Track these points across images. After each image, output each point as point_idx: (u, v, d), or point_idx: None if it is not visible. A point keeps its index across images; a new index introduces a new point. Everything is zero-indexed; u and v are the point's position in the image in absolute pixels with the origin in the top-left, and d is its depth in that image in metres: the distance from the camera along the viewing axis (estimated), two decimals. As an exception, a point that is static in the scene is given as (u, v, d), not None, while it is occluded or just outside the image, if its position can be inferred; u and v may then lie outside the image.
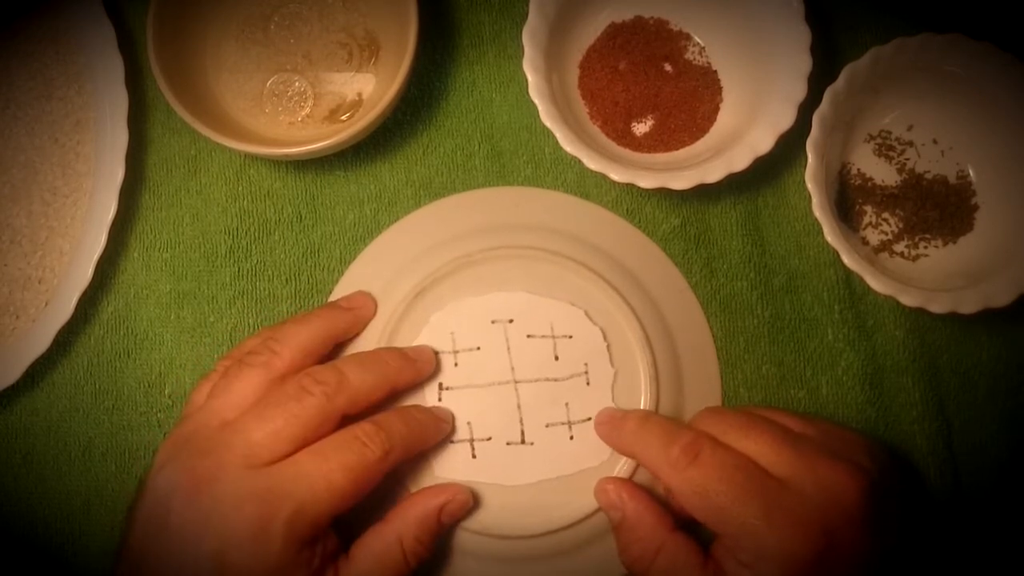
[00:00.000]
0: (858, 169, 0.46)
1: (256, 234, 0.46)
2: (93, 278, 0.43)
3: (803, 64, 0.42)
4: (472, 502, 0.41)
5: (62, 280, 0.43)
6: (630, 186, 0.42)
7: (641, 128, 0.46)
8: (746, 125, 0.43)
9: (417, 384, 0.42)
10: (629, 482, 0.41)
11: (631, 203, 0.46)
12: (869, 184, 0.46)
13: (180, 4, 0.43)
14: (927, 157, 0.46)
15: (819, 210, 0.41)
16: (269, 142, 0.44)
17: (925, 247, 0.45)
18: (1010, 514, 0.44)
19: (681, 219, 0.46)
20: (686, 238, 0.46)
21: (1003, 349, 0.46)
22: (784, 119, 0.42)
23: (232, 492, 0.35)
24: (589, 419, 0.43)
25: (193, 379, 0.45)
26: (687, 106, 0.45)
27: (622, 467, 0.42)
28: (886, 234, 0.45)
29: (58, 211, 0.45)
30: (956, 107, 0.45)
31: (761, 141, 0.42)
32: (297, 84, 0.46)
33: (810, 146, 0.42)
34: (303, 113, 0.46)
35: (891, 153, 0.46)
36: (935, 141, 0.46)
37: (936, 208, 0.45)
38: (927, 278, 0.44)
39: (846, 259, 0.40)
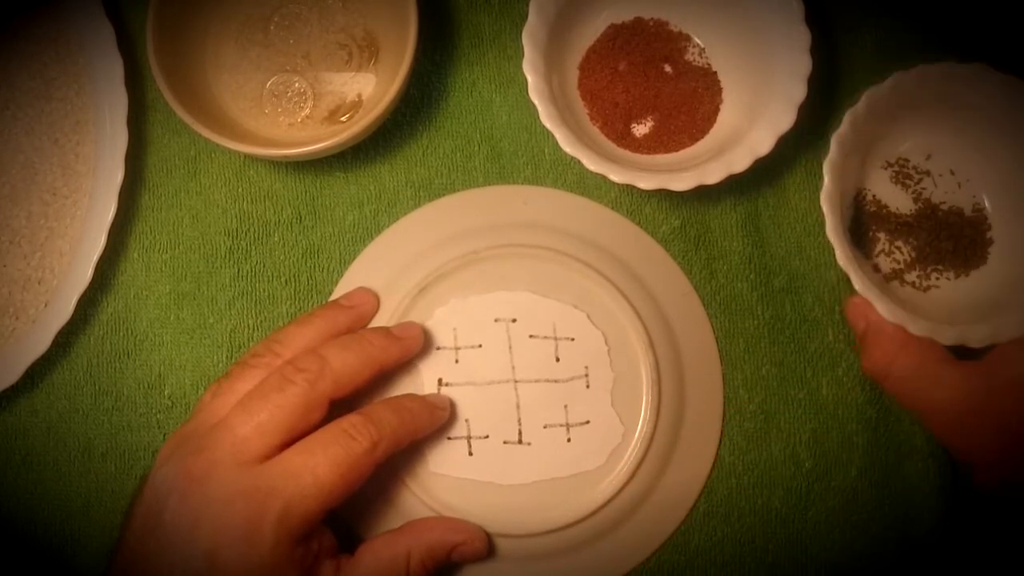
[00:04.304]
0: (874, 195, 0.45)
1: (256, 235, 0.46)
2: (93, 279, 0.43)
3: (803, 65, 0.42)
4: (486, 553, 0.41)
5: (62, 281, 0.43)
6: (630, 187, 0.42)
7: (641, 129, 0.46)
8: (746, 126, 0.43)
9: (406, 361, 0.42)
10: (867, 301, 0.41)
11: (631, 204, 0.46)
12: (884, 211, 0.45)
13: (180, 5, 0.43)
14: (943, 188, 0.45)
15: (832, 233, 0.40)
16: (269, 143, 0.44)
17: (937, 278, 0.44)
18: (1010, 516, 0.44)
19: (681, 220, 0.46)
20: (686, 239, 0.46)
21: (1003, 350, 0.45)
22: (784, 120, 0.42)
23: (222, 491, 0.35)
24: (587, 422, 0.43)
25: (193, 380, 0.45)
26: (687, 107, 0.45)
27: (620, 471, 0.42)
28: (898, 262, 0.45)
29: (57, 212, 0.45)
30: (976, 138, 0.44)
31: (761, 142, 0.42)
32: (297, 85, 0.46)
33: (827, 168, 0.41)
34: (303, 114, 0.46)
35: (908, 181, 0.45)
36: (952, 172, 0.45)
37: (950, 239, 0.44)
38: (937, 309, 0.43)
39: (857, 284, 0.40)
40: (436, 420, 0.41)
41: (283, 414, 0.37)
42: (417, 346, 0.42)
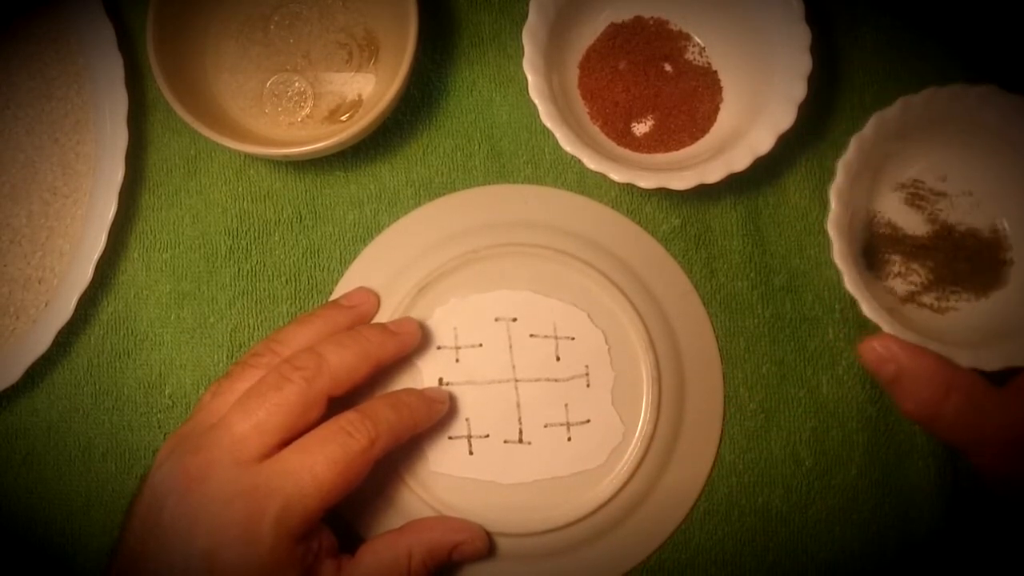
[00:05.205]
0: (888, 218, 0.44)
1: (256, 234, 0.46)
2: (93, 278, 0.43)
3: (803, 64, 0.42)
4: (487, 552, 0.41)
5: (62, 280, 0.43)
6: (630, 186, 0.42)
7: (641, 128, 0.46)
8: (746, 125, 0.43)
9: (404, 356, 0.42)
10: (895, 336, 0.39)
11: (631, 203, 0.46)
12: (898, 233, 0.44)
13: (180, 4, 0.43)
14: (960, 208, 0.44)
15: (839, 257, 0.40)
16: (269, 142, 0.44)
17: (955, 300, 0.44)
18: (1010, 515, 0.44)
19: (681, 219, 0.46)
20: (686, 238, 0.46)
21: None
22: (784, 119, 0.42)
23: (221, 490, 0.35)
24: (588, 421, 0.43)
25: (193, 379, 0.45)
26: (687, 106, 0.45)
27: (620, 470, 0.42)
28: (914, 284, 0.44)
29: (58, 211, 0.45)
30: (991, 159, 0.43)
31: (761, 141, 0.42)
32: (297, 84, 0.46)
33: (834, 193, 0.40)
34: (303, 113, 0.46)
35: (922, 203, 0.45)
36: (969, 193, 0.44)
37: (967, 261, 0.44)
38: (955, 332, 0.42)
39: (864, 308, 0.39)
40: (435, 414, 0.41)
41: (281, 413, 0.36)
42: (414, 341, 0.42)
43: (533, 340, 0.43)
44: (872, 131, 0.41)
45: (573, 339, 0.43)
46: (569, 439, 0.43)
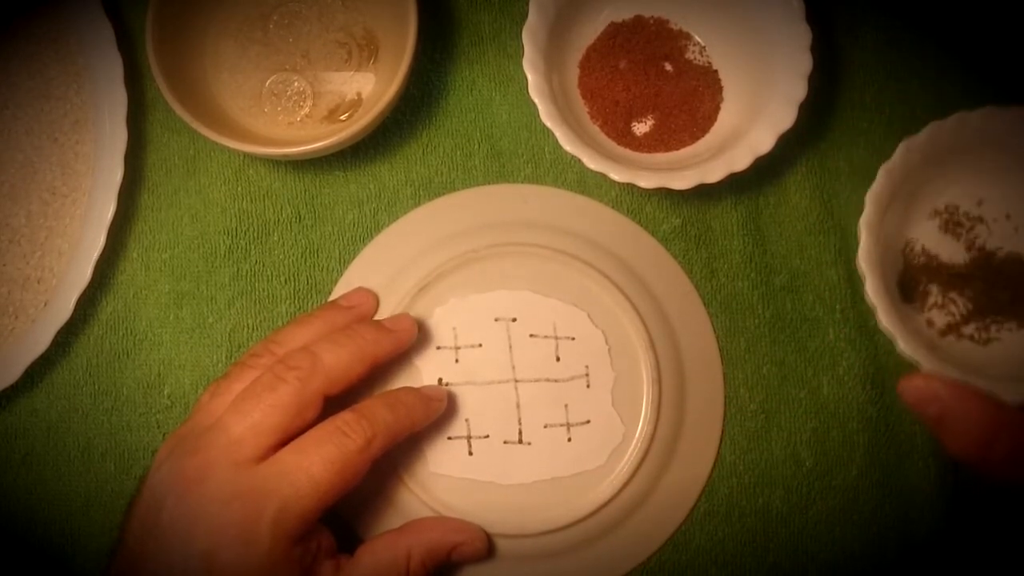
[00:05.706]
0: (922, 247, 0.43)
1: (255, 234, 0.46)
2: (92, 278, 0.43)
3: (803, 64, 0.42)
4: (487, 553, 0.41)
5: (61, 280, 0.43)
6: (630, 186, 0.42)
7: (641, 128, 0.46)
8: (747, 125, 0.43)
9: (400, 353, 0.42)
10: (937, 374, 0.37)
11: (631, 203, 0.46)
12: (935, 263, 0.43)
13: (180, 4, 0.43)
14: (998, 234, 0.43)
15: (873, 293, 0.39)
16: (268, 142, 0.44)
17: (997, 330, 0.42)
18: (1010, 515, 0.44)
19: (682, 219, 0.46)
20: (687, 238, 0.45)
21: (1005, 349, 0.45)
22: (785, 119, 0.42)
23: (219, 492, 0.35)
24: (588, 422, 0.43)
25: (192, 379, 0.45)
26: (687, 106, 0.45)
27: (620, 471, 0.42)
28: (953, 316, 0.43)
29: (57, 211, 0.45)
30: None
31: (762, 141, 0.42)
32: (296, 84, 0.46)
33: (863, 226, 0.39)
34: (302, 113, 0.46)
35: (959, 230, 0.43)
36: (1008, 217, 0.43)
37: (1007, 289, 0.42)
38: (999, 364, 0.41)
39: (901, 345, 0.38)
40: (432, 412, 0.41)
41: (276, 413, 0.36)
42: (410, 338, 0.42)
43: (533, 340, 0.43)
44: (900, 159, 0.40)
45: (573, 339, 0.43)
46: (569, 440, 0.43)
